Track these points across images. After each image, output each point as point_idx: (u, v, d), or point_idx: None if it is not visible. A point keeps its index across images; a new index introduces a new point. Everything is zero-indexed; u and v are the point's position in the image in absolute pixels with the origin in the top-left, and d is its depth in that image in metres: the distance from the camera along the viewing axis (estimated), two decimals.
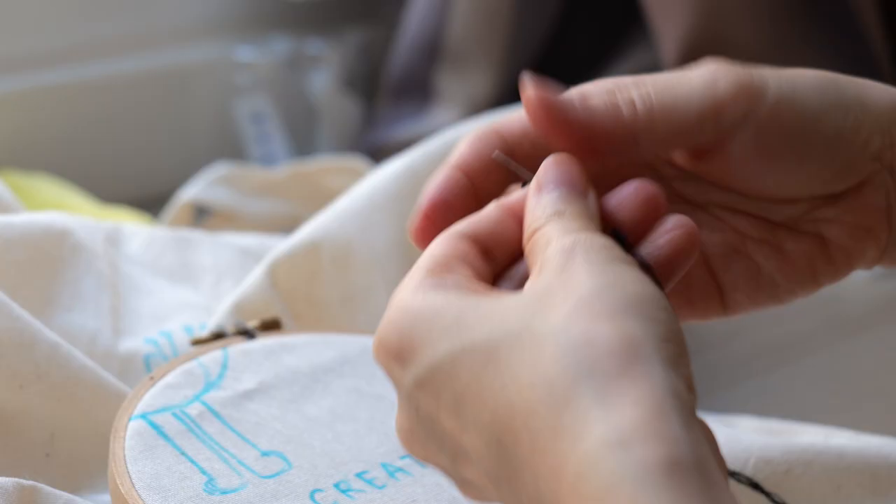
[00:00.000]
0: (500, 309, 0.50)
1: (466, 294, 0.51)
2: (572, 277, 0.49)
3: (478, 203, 0.57)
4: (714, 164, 0.59)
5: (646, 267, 0.53)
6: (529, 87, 0.56)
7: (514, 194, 0.56)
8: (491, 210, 0.56)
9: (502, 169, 0.58)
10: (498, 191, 0.58)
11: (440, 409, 0.50)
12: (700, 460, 0.45)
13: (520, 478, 0.47)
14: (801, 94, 0.58)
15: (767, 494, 0.65)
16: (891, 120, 0.58)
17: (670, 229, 0.54)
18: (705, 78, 0.57)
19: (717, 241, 0.61)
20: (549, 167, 0.55)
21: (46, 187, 1.14)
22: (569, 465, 0.45)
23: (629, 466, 0.44)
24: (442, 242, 0.54)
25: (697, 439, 0.45)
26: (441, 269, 0.53)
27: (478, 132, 0.59)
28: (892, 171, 0.59)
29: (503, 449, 0.48)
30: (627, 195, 0.55)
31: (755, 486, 0.65)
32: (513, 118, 0.60)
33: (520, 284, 0.54)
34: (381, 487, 0.63)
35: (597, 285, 0.48)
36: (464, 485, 0.52)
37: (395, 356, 0.51)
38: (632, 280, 0.49)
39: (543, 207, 0.54)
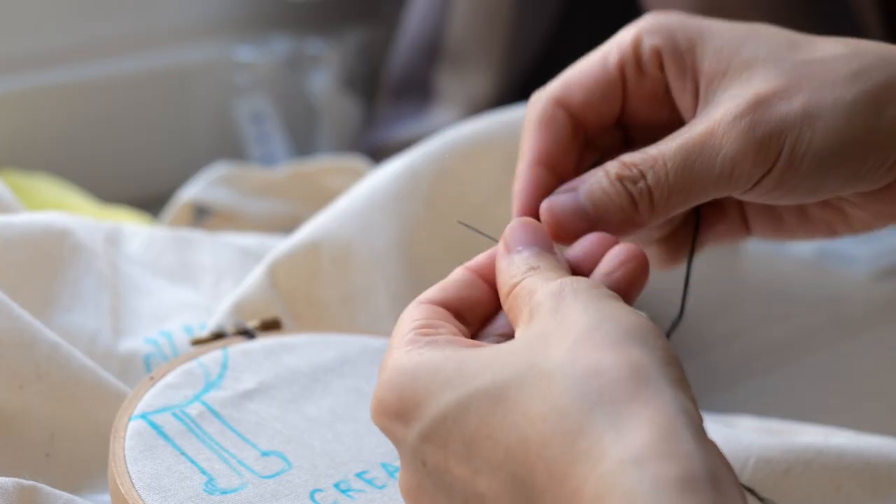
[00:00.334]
0: (500, 355, 0.51)
1: (461, 347, 0.52)
2: (567, 316, 0.51)
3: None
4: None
5: None
6: (545, 205, 0.58)
7: (479, 257, 0.57)
8: (459, 274, 0.57)
9: (578, 141, 0.59)
10: (575, 168, 0.60)
11: (449, 458, 0.51)
12: (713, 475, 0.46)
13: None
14: (822, 134, 0.57)
15: (762, 500, 0.65)
16: None
17: (625, 261, 0.56)
18: (730, 152, 0.57)
19: None
20: (515, 230, 0.57)
21: (46, 187, 1.14)
22: (587, 487, 0.46)
23: (645, 484, 0.45)
24: (419, 308, 0.55)
25: (710, 454, 0.46)
26: (429, 329, 0.54)
27: (542, 113, 0.60)
28: None
29: (519, 483, 0.49)
30: (593, 250, 0.57)
31: (749, 490, 0.65)
32: (572, 82, 0.60)
33: (496, 343, 0.55)
34: (381, 487, 0.63)
35: (593, 320, 0.50)
36: None
37: (397, 415, 0.52)
38: (625, 313, 0.51)
39: (517, 266, 0.55)
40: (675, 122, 0.62)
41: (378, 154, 1.26)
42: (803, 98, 0.57)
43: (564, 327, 0.50)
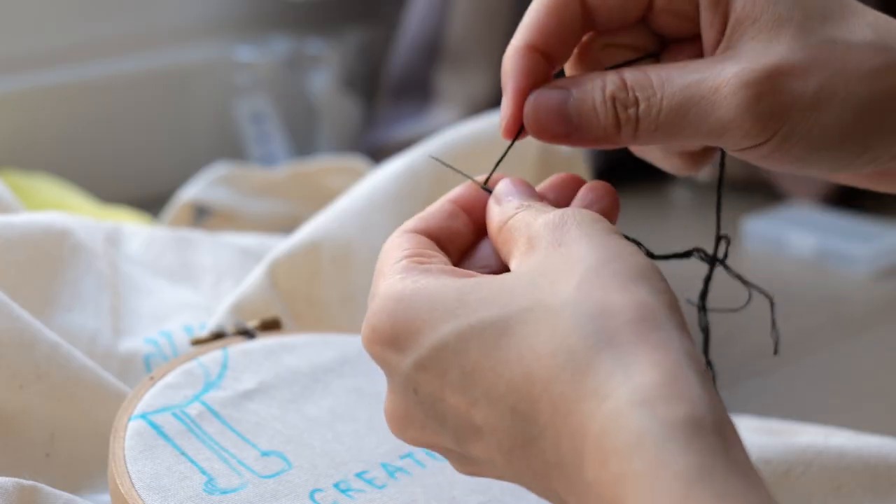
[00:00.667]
0: (505, 287, 0.51)
1: (457, 277, 0.52)
2: (572, 250, 0.50)
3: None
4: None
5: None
6: (532, 98, 0.57)
7: (458, 189, 0.57)
8: (440, 205, 0.57)
9: (583, 33, 0.58)
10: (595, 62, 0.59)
11: (445, 388, 0.51)
12: (718, 419, 0.46)
13: (537, 443, 0.48)
14: (824, 125, 0.56)
15: None
16: None
17: (602, 196, 0.56)
18: (727, 115, 0.56)
19: None
20: (506, 185, 0.57)
21: (46, 187, 1.14)
22: (593, 424, 0.46)
23: (653, 423, 0.45)
24: (405, 237, 0.55)
25: (714, 400, 0.47)
26: (421, 258, 0.54)
27: None
28: None
29: (519, 417, 0.49)
30: (564, 192, 0.57)
31: None
32: None
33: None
34: (381, 487, 0.63)
35: (600, 257, 0.50)
36: (466, 463, 0.53)
37: (390, 342, 0.52)
38: (631, 252, 0.51)
39: (508, 206, 0.55)
40: (696, 43, 0.60)
41: (378, 154, 1.26)
42: (817, 82, 0.56)
43: (570, 262, 0.50)
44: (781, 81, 0.56)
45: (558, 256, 0.50)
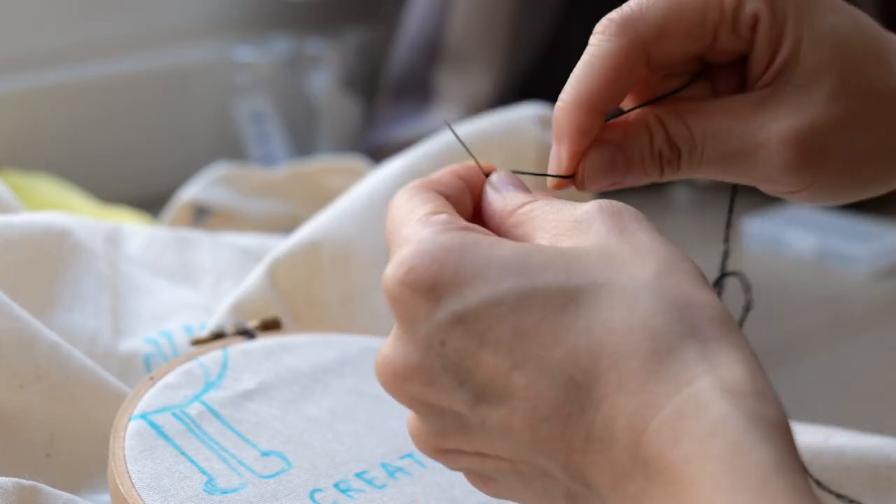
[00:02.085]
0: (568, 257, 0.50)
1: (504, 240, 0.51)
2: (638, 239, 0.51)
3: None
4: None
5: None
6: (595, 166, 0.58)
7: (462, 168, 0.56)
8: (451, 177, 0.56)
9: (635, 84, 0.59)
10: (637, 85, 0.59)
11: (484, 345, 0.49)
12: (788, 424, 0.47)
13: (585, 415, 0.48)
14: (866, 156, 0.58)
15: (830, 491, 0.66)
16: None
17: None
18: (768, 172, 0.58)
19: None
20: (502, 175, 0.56)
21: (46, 187, 1.14)
22: (668, 405, 0.47)
23: (737, 412, 0.46)
24: (428, 195, 0.53)
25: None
26: (449, 216, 0.52)
27: (619, 54, 0.57)
28: None
29: (573, 386, 0.48)
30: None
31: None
32: (668, 28, 0.58)
33: None
34: (381, 487, 0.63)
35: (670, 253, 0.50)
36: (457, 432, 0.51)
37: (428, 289, 0.49)
38: (687, 257, 0.51)
39: (515, 196, 0.55)
40: (738, 68, 0.60)
41: (378, 154, 1.26)
42: (853, 135, 0.58)
43: (641, 251, 0.50)
44: (820, 139, 0.57)
45: (625, 242, 0.51)
